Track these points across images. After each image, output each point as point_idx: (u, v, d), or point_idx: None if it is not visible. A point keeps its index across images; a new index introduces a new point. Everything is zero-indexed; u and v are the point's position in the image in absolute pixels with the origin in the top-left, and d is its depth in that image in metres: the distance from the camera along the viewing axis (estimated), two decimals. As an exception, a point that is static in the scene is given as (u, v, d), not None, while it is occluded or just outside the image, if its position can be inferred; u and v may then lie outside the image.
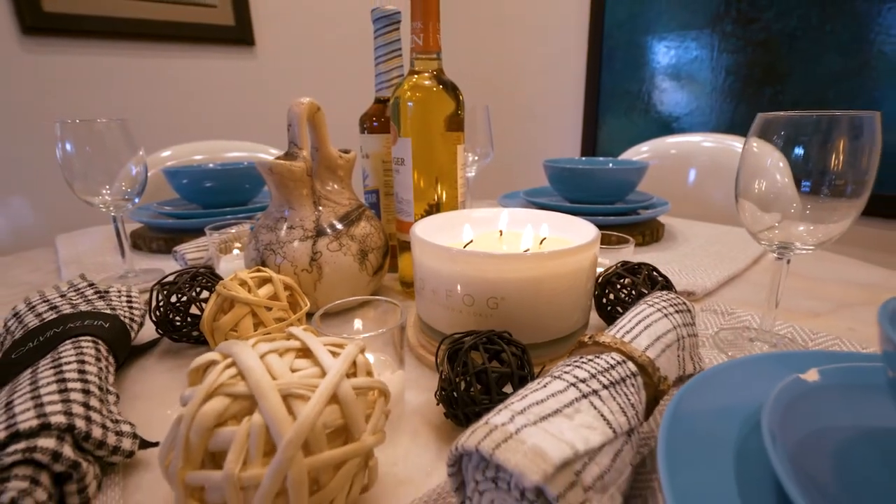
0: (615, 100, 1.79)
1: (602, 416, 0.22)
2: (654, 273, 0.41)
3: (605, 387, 0.23)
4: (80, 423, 0.22)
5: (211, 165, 0.83)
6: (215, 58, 1.63)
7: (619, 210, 0.71)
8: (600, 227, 0.61)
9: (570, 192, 0.75)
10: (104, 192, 0.53)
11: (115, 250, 0.69)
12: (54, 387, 0.24)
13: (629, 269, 0.41)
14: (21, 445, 0.20)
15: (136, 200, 0.55)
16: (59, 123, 0.49)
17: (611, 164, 0.80)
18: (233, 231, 0.54)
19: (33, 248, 0.77)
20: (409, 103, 0.43)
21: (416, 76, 0.44)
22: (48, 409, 0.22)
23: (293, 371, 0.20)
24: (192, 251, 0.57)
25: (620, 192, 0.74)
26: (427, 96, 0.43)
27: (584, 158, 0.86)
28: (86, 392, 0.25)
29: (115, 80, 1.47)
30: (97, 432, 0.23)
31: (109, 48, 1.45)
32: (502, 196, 0.83)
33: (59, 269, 0.62)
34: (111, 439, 0.24)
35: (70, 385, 0.25)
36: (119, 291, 0.39)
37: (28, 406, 0.22)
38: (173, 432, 0.19)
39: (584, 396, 0.22)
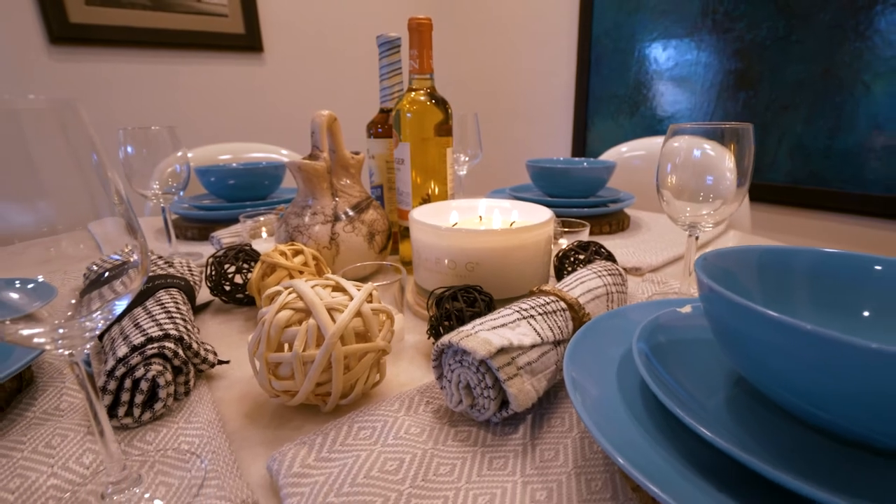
0: (603, 103, 1.89)
1: (535, 329, 0.32)
2: (602, 249, 0.52)
3: (539, 314, 0.34)
4: (185, 337, 0.33)
5: (234, 165, 0.94)
6: (226, 64, 1.73)
7: (591, 203, 0.82)
8: (574, 217, 0.72)
9: (549, 188, 0.86)
10: (154, 186, 0.64)
11: (154, 237, 0.80)
12: (163, 315, 0.35)
13: (582, 246, 0.52)
14: (155, 345, 0.31)
15: (181, 194, 0.66)
16: (122, 130, 0.60)
17: (585, 164, 0.91)
18: (261, 219, 0.65)
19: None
20: (408, 114, 0.54)
21: (413, 93, 0.55)
22: (165, 326, 0.33)
23: (332, 297, 0.31)
24: (227, 236, 0.68)
25: (593, 187, 0.85)
26: (422, 109, 0.54)
27: (561, 158, 0.97)
28: (184, 320, 0.36)
29: (135, 85, 1.58)
30: (195, 345, 0.34)
31: (130, 56, 1.56)
32: (491, 192, 0.94)
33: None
34: (202, 352, 0.35)
35: (173, 315, 0.35)
36: (181, 262, 0.50)
37: (151, 324, 0.33)
38: (258, 331, 0.30)
39: (524, 318, 0.33)
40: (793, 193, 1.42)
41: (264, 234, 0.65)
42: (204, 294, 0.53)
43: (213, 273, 0.49)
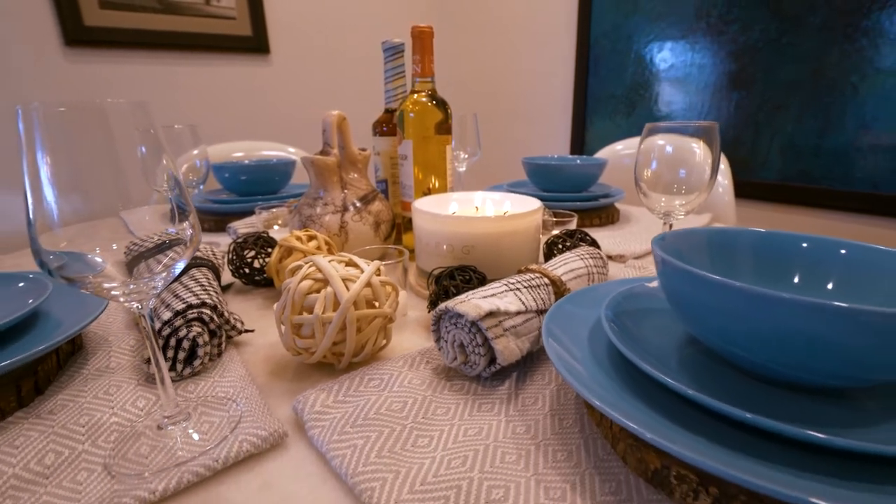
0: (601, 103, 1.94)
1: (520, 299, 0.38)
2: (587, 236, 0.57)
3: (525, 287, 0.39)
4: (218, 306, 0.39)
5: (247, 162, 1.00)
6: (234, 65, 1.79)
7: (583, 198, 0.87)
8: (567, 210, 0.76)
9: (543, 183, 0.91)
10: (176, 180, 0.69)
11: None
12: (198, 288, 0.40)
13: (568, 234, 0.57)
14: (194, 311, 0.37)
15: (201, 187, 0.71)
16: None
17: (577, 161, 0.96)
18: (275, 211, 0.71)
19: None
20: (411, 115, 0.59)
21: (415, 94, 0.60)
22: (201, 296, 0.39)
23: (346, 270, 0.37)
24: (243, 227, 0.73)
25: (585, 183, 0.90)
26: (424, 109, 0.59)
27: (555, 156, 1.02)
28: (216, 292, 0.41)
29: (146, 86, 1.64)
30: (226, 314, 0.39)
31: (141, 57, 1.61)
32: (488, 187, 0.99)
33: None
34: (231, 320, 0.40)
35: (206, 287, 0.41)
36: (205, 248, 0.55)
37: (189, 295, 0.39)
38: (284, 298, 0.35)
39: (511, 290, 0.38)
40: (783, 191, 1.46)
41: (277, 226, 0.70)
42: (226, 276, 0.59)
43: (235, 257, 0.54)
